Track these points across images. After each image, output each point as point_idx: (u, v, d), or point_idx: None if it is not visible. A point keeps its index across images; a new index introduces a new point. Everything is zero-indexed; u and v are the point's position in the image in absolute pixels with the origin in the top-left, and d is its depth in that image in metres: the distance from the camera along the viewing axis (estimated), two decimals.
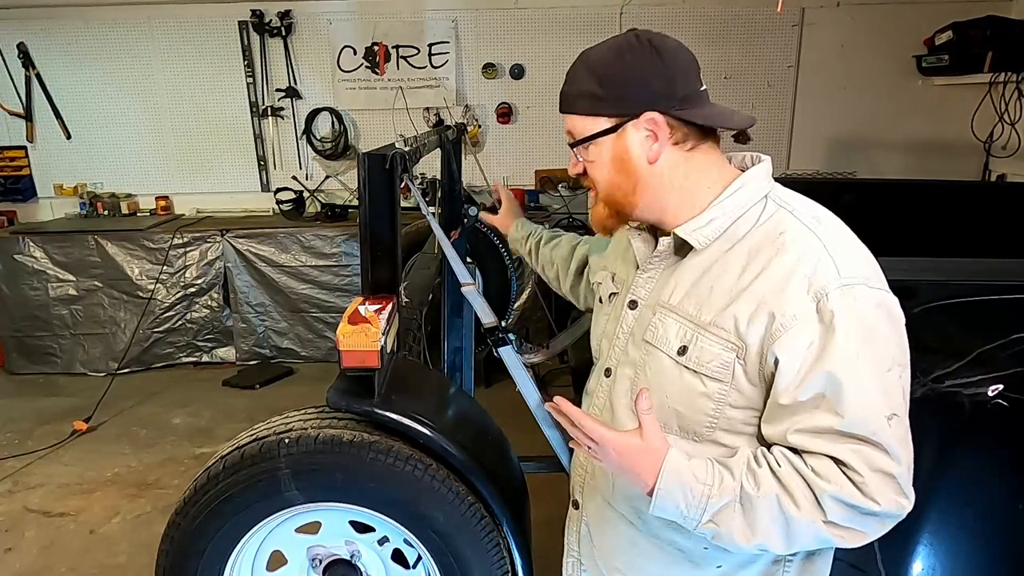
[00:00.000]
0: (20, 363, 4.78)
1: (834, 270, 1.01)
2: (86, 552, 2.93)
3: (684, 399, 1.12)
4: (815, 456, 1.01)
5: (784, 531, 1.02)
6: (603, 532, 1.31)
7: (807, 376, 1.01)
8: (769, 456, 1.04)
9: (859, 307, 1.00)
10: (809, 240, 1.05)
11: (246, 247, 4.68)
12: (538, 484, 1.90)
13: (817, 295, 1.00)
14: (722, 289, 1.08)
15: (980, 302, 1.47)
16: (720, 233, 1.11)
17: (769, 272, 1.04)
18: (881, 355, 1.01)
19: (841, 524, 1.01)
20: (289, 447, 1.47)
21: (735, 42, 4.89)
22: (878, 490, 0.98)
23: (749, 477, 1.03)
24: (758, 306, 1.03)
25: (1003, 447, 1.59)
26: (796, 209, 1.10)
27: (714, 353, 1.07)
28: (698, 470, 1.04)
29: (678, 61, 1.10)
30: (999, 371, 1.46)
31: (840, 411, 0.99)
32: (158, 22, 4.88)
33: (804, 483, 1.00)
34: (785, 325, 1.01)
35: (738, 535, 1.03)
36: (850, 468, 0.99)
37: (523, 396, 1.51)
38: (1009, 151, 4.48)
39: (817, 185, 3.95)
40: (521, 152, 5.12)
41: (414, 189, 1.67)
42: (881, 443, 0.98)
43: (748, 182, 1.12)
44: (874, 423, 0.99)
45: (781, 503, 1.01)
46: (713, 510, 1.03)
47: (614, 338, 1.26)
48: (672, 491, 1.05)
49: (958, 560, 1.65)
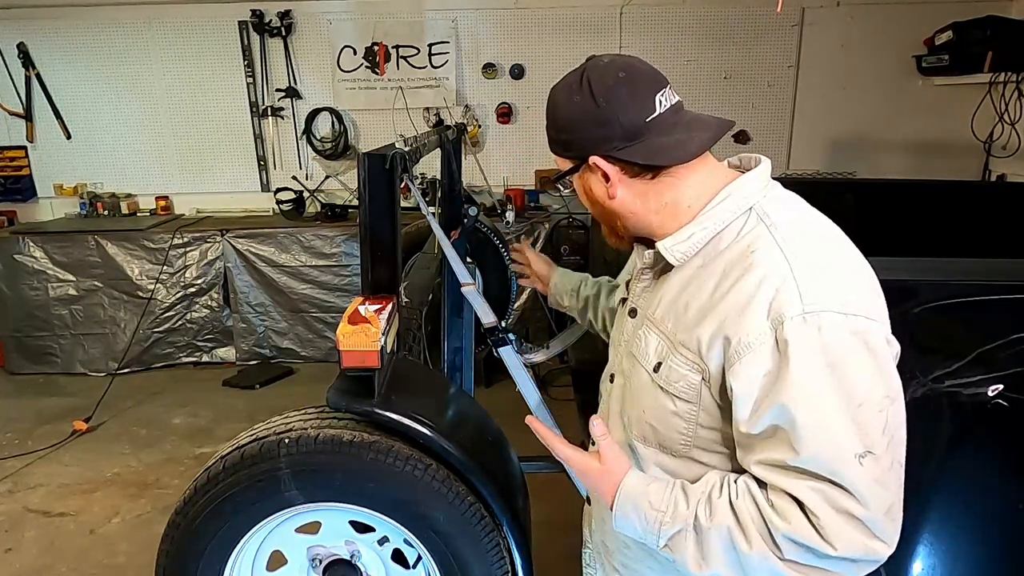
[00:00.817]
0: (20, 363, 4.78)
1: (796, 296, 0.94)
2: (86, 552, 2.93)
3: (658, 416, 1.11)
4: (777, 491, 0.96)
5: (737, 565, 0.99)
6: (604, 531, 1.32)
7: (760, 407, 0.96)
8: (732, 486, 1.01)
9: (823, 337, 0.93)
10: (776, 261, 0.97)
11: (246, 247, 4.68)
12: (538, 484, 1.90)
13: (775, 323, 0.94)
14: (695, 307, 1.05)
15: (980, 302, 1.47)
16: (700, 247, 1.07)
17: (733, 293, 0.99)
18: (851, 388, 0.93)
19: (803, 563, 0.95)
20: (289, 447, 1.47)
21: (735, 42, 4.89)
22: (838, 533, 0.92)
23: (705, 506, 1.01)
24: (718, 328, 0.99)
25: (1003, 447, 1.59)
26: (775, 223, 1.02)
27: (681, 374, 1.05)
28: (654, 495, 1.05)
29: (617, 97, 1.04)
30: (999, 371, 1.46)
31: (796, 447, 0.93)
32: (158, 22, 4.88)
33: (760, 518, 0.97)
34: (740, 352, 0.96)
35: (691, 564, 1.02)
36: (808, 508, 0.93)
37: (523, 396, 1.51)
38: (1009, 151, 4.48)
39: (817, 185, 3.95)
40: (521, 152, 5.12)
41: (414, 189, 1.67)
42: (843, 484, 0.92)
43: (734, 192, 1.06)
44: (835, 462, 0.92)
45: (733, 537, 0.98)
46: (667, 536, 1.03)
47: (617, 345, 1.27)
48: (627, 514, 1.07)
49: (958, 560, 1.65)
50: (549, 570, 1.89)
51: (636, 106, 1.05)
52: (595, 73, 1.07)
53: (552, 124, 1.13)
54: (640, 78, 1.06)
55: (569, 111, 1.09)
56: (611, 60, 1.09)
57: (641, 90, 1.05)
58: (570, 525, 1.48)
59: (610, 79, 1.05)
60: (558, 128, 1.12)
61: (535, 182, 5.06)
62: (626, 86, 1.05)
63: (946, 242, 2.79)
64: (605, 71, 1.07)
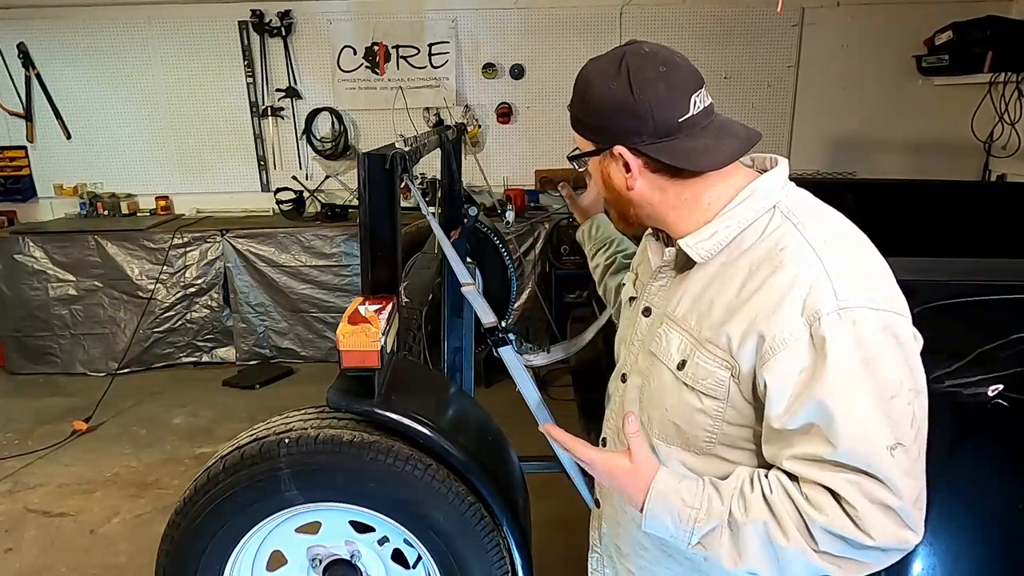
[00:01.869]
0: (20, 363, 4.78)
1: (831, 292, 0.96)
2: (86, 552, 2.93)
3: (682, 414, 1.10)
4: (810, 484, 0.97)
5: (774, 559, 0.99)
6: (618, 534, 1.31)
7: (796, 403, 0.97)
8: (764, 481, 1.02)
9: (858, 332, 0.95)
10: (809, 259, 0.99)
11: (246, 247, 4.68)
12: (538, 484, 1.90)
13: (810, 319, 0.96)
14: (721, 305, 1.05)
15: (980, 302, 1.47)
16: (723, 245, 1.07)
17: (764, 291, 1.00)
18: (883, 382, 0.95)
19: (836, 554, 0.97)
20: (289, 447, 1.47)
21: (735, 42, 4.89)
22: (875, 523, 0.94)
23: (739, 502, 1.01)
24: (750, 326, 1.00)
25: (1003, 447, 1.59)
26: (801, 222, 1.04)
27: (709, 370, 1.05)
28: (686, 493, 1.04)
29: (653, 92, 1.02)
30: (999, 371, 1.46)
31: (833, 441, 0.95)
32: (158, 22, 4.88)
33: (796, 512, 0.97)
34: (775, 348, 0.97)
35: (726, 560, 1.02)
36: (845, 500, 0.95)
37: (523, 396, 1.51)
38: (1009, 151, 4.48)
39: (817, 185, 3.93)
40: (521, 152, 5.12)
41: (414, 189, 1.67)
42: (878, 475, 0.94)
43: (757, 191, 1.07)
44: (871, 455, 0.94)
45: (769, 531, 0.98)
46: (700, 533, 1.02)
47: (630, 344, 1.26)
48: (659, 513, 1.05)
49: (958, 560, 1.65)
50: (549, 570, 1.90)
51: (671, 104, 1.03)
52: (635, 62, 1.04)
53: (581, 104, 1.10)
54: (679, 76, 1.05)
55: (602, 96, 1.06)
56: (653, 51, 1.06)
57: (679, 89, 1.04)
58: (570, 525, 1.49)
59: (650, 72, 1.03)
60: (587, 111, 1.09)
61: (535, 182, 5.06)
62: (664, 82, 1.03)
63: (946, 242, 2.79)
64: (645, 62, 1.04)
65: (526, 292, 4.63)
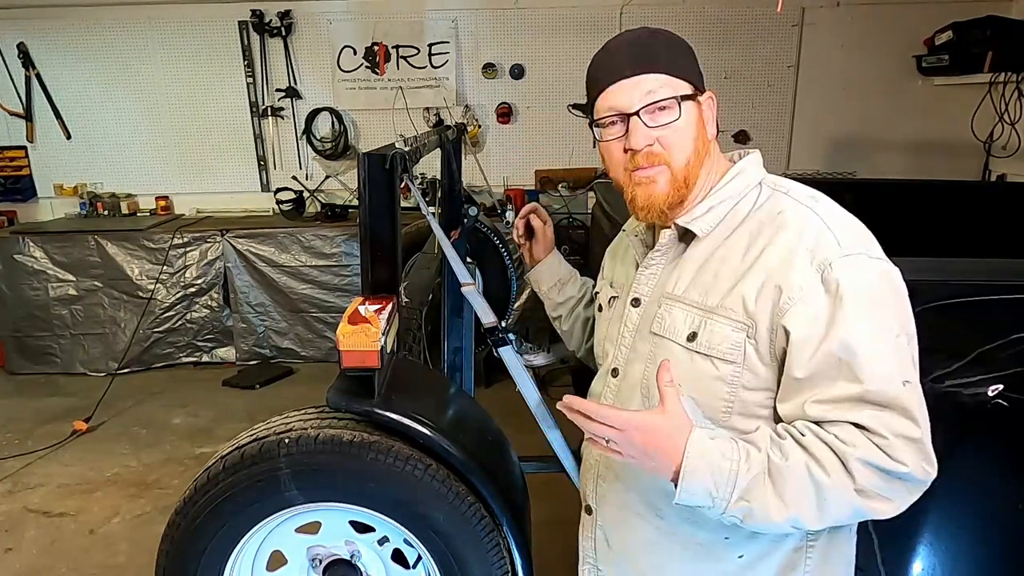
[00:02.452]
0: (20, 363, 4.78)
1: (835, 242, 1.05)
2: (86, 552, 2.93)
3: (698, 385, 1.12)
4: (836, 424, 1.01)
5: (816, 501, 1.00)
6: (622, 535, 1.30)
7: (821, 346, 1.02)
8: (791, 429, 1.04)
9: (863, 276, 1.03)
10: (808, 216, 1.09)
11: (246, 247, 4.68)
12: (538, 484, 1.90)
13: (821, 266, 1.03)
14: (727, 273, 1.11)
15: (980, 302, 1.47)
16: (720, 220, 1.16)
17: (772, 249, 1.08)
18: (889, 322, 1.03)
19: (870, 490, 1.00)
20: (289, 447, 1.47)
21: (735, 42, 4.89)
22: (903, 452, 0.99)
23: (775, 449, 1.02)
24: (764, 281, 1.06)
25: (1003, 447, 1.59)
26: (791, 190, 1.15)
27: (724, 335, 1.09)
28: (723, 447, 1.03)
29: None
30: (999, 371, 1.46)
31: (860, 377, 1.00)
32: (158, 22, 4.88)
33: (830, 450, 1.00)
34: (793, 298, 1.03)
35: (773, 509, 1.01)
36: (873, 432, 0.99)
37: (523, 396, 1.51)
38: (1009, 151, 4.48)
39: (817, 185, 3.93)
40: (521, 152, 5.12)
41: (414, 189, 1.67)
42: (901, 407, 1.00)
43: (744, 170, 1.18)
44: (892, 388, 1.00)
45: (811, 471, 1.00)
46: (743, 486, 1.01)
47: (619, 338, 1.27)
48: (699, 470, 1.01)
49: (958, 560, 1.65)
50: (549, 570, 1.89)
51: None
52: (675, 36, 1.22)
53: (678, 49, 1.21)
54: None
55: (687, 47, 1.21)
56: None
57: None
58: (570, 525, 1.48)
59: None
60: (687, 54, 1.20)
61: (535, 182, 5.06)
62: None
63: (946, 242, 2.79)
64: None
65: (526, 292, 4.62)
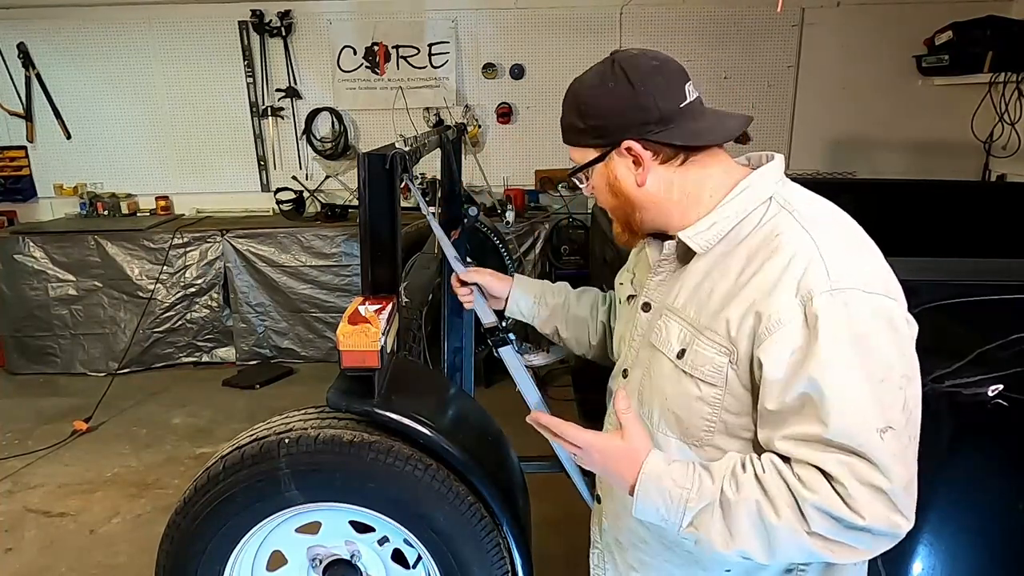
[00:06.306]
0: (20, 363, 4.78)
1: (824, 273, 0.98)
2: (86, 552, 2.93)
3: (682, 403, 1.12)
4: (802, 465, 0.98)
5: (764, 539, 1.00)
6: (619, 528, 1.31)
7: (791, 381, 0.98)
8: (756, 462, 1.02)
9: (850, 313, 0.96)
10: (803, 242, 1.02)
11: (246, 247, 4.67)
12: (538, 484, 1.90)
13: (804, 299, 0.98)
14: (720, 292, 1.07)
15: (980, 302, 1.47)
16: (722, 236, 1.10)
17: (761, 274, 1.03)
18: (874, 364, 0.96)
19: (827, 536, 0.97)
20: (289, 447, 1.47)
21: (735, 42, 4.89)
22: (865, 504, 0.94)
23: (731, 482, 1.01)
24: (749, 307, 1.02)
25: (1003, 447, 1.59)
26: (797, 210, 1.07)
27: (707, 357, 1.07)
28: (677, 473, 1.04)
29: (653, 83, 1.08)
30: (999, 371, 1.46)
31: (824, 419, 0.96)
32: (158, 22, 4.88)
33: (788, 490, 0.98)
34: (771, 328, 0.99)
35: (717, 540, 1.01)
36: (836, 480, 0.95)
37: (523, 396, 1.51)
38: (1009, 151, 4.48)
39: (817, 185, 3.94)
40: (521, 152, 5.12)
41: (414, 189, 1.67)
42: (869, 456, 0.94)
43: (753, 183, 1.10)
44: (861, 435, 0.95)
45: (761, 509, 0.99)
46: (692, 513, 1.02)
47: (630, 340, 1.27)
48: (650, 492, 1.04)
49: (958, 560, 1.65)
50: (549, 570, 1.89)
51: (671, 92, 1.09)
52: (627, 61, 1.10)
53: (578, 113, 1.13)
54: (671, 68, 1.12)
55: (603, 97, 1.10)
56: (640, 51, 1.13)
57: (674, 78, 1.10)
58: (570, 525, 1.48)
59: (645, 67, 1.09)
60: (587, 115, 1.12)
61: (535, 182, 5.05)
62: (660, 73, 1.09)
63: (946, 242, 2.79)
64: (638, 59, 1.11)
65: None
